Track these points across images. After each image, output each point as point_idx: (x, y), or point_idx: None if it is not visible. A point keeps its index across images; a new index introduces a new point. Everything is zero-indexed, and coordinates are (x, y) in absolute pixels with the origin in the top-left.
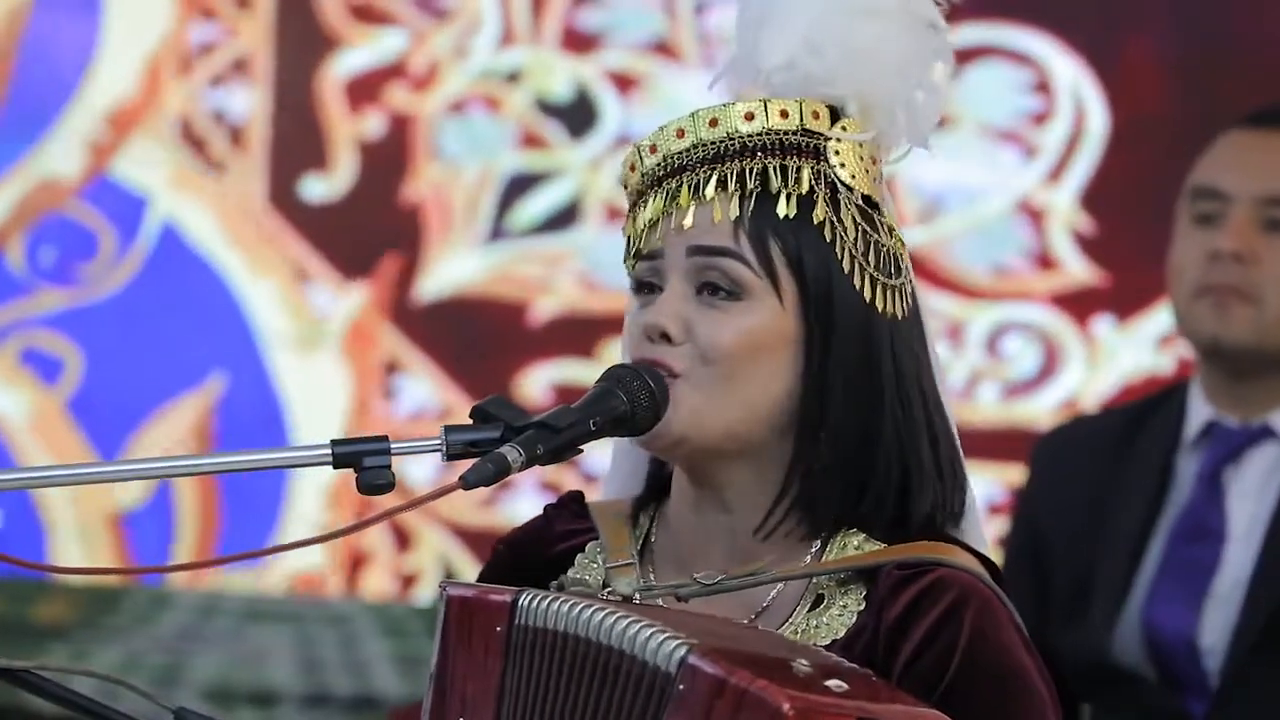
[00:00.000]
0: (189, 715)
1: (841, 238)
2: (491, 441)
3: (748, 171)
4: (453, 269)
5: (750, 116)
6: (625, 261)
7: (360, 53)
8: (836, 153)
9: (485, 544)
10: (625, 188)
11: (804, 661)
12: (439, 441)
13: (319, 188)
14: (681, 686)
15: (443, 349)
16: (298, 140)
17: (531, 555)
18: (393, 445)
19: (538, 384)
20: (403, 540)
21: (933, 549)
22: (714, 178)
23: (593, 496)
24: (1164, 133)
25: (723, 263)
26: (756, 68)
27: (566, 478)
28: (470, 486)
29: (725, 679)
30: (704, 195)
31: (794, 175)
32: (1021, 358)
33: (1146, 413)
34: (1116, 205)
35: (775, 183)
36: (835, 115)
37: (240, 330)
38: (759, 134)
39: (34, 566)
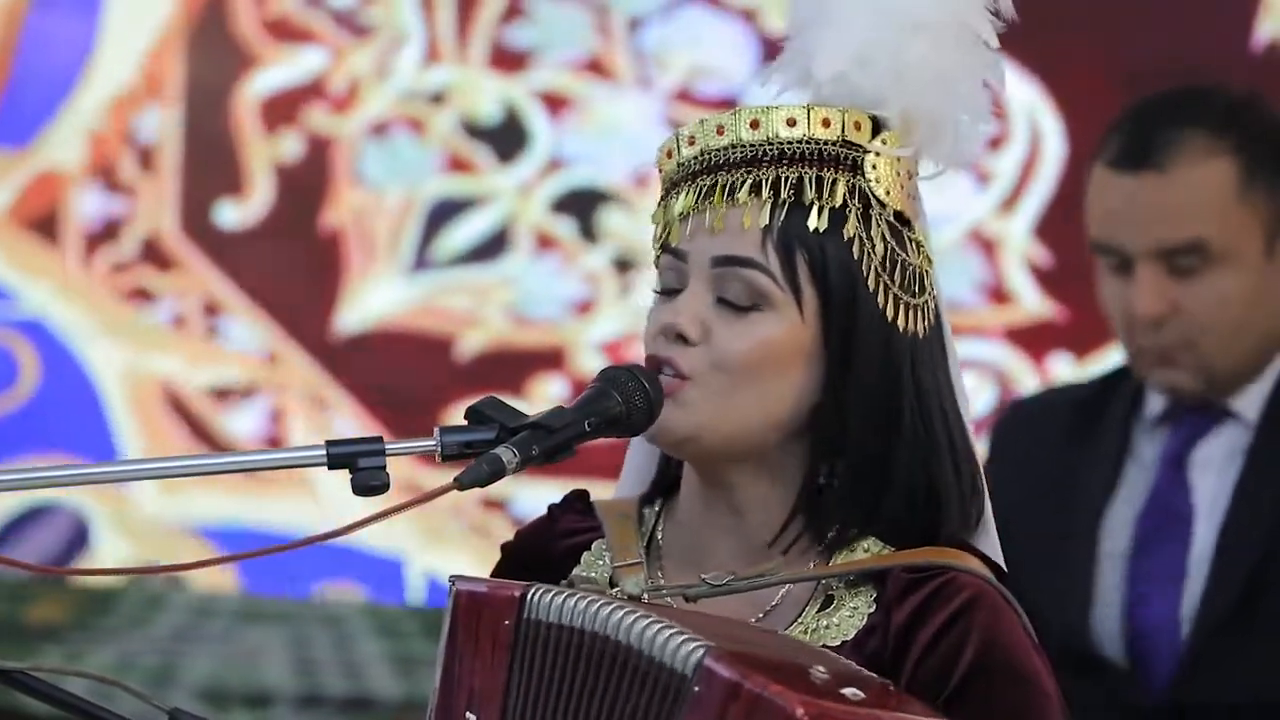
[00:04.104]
0: (183, 716)
1: (869, 254)
2: (486, 443)
3: (783, 180)
4: (375, 300)
5: (792, 122)
6: (654, 245)
7: (277, 71)
8: (874, 166)
9: None
10: (660, 171)
11: (821, 669)
12: (434, 443)
13: (233, 214)
14: (697, 689)
15: (364, 384)
16: (211, 163)
17: (537, 554)
18: (388, 446)
19: None
20: None
21: (941, 554)
22: (748, 182)
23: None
24: None
25: (746, 274)
26: (809, 73)
27: (495, 523)
28: (465, 487)
29: (740, 683)
30: (736, 198)
31: (829, 187)
32: (974, 396)
33: (1106, 390)
34: (1073, 235)
35: (809, 194)
36: (877, 127)
37: None
38: (799, 141)
39: (32, 568)
